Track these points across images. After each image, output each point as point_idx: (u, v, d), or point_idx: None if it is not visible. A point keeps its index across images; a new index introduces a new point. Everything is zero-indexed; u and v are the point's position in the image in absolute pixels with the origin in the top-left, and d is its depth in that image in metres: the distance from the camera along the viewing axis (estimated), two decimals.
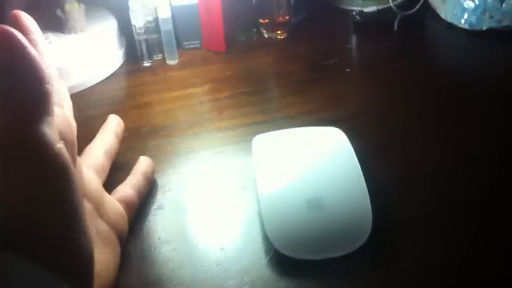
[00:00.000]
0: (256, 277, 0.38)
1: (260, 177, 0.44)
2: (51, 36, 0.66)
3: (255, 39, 0.73)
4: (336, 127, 0.49)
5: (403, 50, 0.68)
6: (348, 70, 0.64)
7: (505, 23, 0.67)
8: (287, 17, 0.72)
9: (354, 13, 0.75)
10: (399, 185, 0.45)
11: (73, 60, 0.64)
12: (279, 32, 0.73)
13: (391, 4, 0.74)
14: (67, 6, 0.66)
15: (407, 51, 0.67)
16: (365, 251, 0.38)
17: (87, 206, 0.36)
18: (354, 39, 0.72)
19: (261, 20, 0.73)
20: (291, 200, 0.41)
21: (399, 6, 0.74)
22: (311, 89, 0.60)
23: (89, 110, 0.60)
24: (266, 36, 0.73)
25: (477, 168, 0.46)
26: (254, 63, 0.67)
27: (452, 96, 0.57)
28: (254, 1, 0.71)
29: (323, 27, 0.75)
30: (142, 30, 0.66)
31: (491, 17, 0.68)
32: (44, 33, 0.66)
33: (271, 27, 0.73)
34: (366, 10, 0.75)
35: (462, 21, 0.70)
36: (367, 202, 0.41)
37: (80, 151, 0.49)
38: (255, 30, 0.74)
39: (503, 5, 0.67)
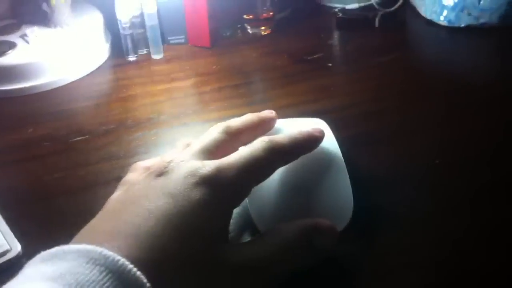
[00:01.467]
0: None
1: None
2: (37, 30, 0.66)
3: (239, 35, 0.74)
4: (321, 119, 0.50)
5: (384, 46, 0.69)
6: (330, 65, 0.65)
7: (483, 20, 0.69)
8: (271, 13, 0.73)
9: (336, 9, 0.76)
10: (382, 176, 0.46)
11: (59, 54, 0.64)
12: (263, 28, 0.74)
13: (372, 1, 0.75)
14: (53, 0, 0.66)
15: (388, 47, 0.69)
16: (344, 237, 0.40)
17: None
18: (336, 35, 0.73)
19: (245, 16, 0.74)
20: (275, 186, 0.42)
21: (380, 3, 0.76)
22: (296, 83, 0.61)
23: (76, 102, 0.61)
24: (250, 32, 0.74)
25: (455, 164, 0.48)
26: (239, 58, 0.68)
27: (432, 90, 0.58)
28: None
29: (306, 24, 0.76)
30: (128, 25, 0.67)
31: (469, 14, 0.70)
32: (29, 27, 0.67)
33: (256, 23, 0.74)
34: (348, 7, 0.77)
35: (441, 18, 0.72)
36: (348, 190, 0.42)
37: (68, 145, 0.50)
38: (239, 26, 0.74)
39: (481, 2, 0.69)
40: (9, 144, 0.54)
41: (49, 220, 0.44)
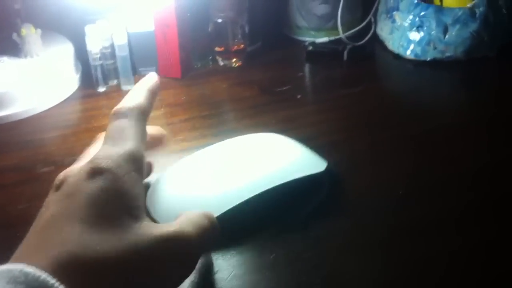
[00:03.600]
0: None
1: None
2: (7, 59, 0.66)
3: (210, 66, 0.75)
4: None
5: (352, 78, 0.71)
6: (299, 96, 0.66)
7: (448, 53, 0.71)
8: (242, 46, 0.74)
9: (306, 43, 0.77)
10: (347, 205, 0.47)
11: (28, 83, 0.64)
12: (234, 60, 0.74)
13: (341, 35, 0.77)
14: (24, 31, 0.66)
15: (356, 79, 0.70)
16: (302, 268, 0.40)
17: None
18: (306, 68, 0.74)
19: (217, 48, 0.75)
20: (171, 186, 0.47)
21: (349, 37, 0.77)
22: (265, 113, 0.62)
23: (44, 133, 0.61)
24: (221, 63, 0.75)
25: (419, 192, 0.48)
26: (209, 89, 0.69)
27: (397, 121, 0.60)
28: (209, 29, 0.73)
29: (277, 56, 0.77)
30: (98, 56, 0.67)
31: (435, 48, 0.72)
32: None
33: (227, 55, 0.75)
34: (318, 40, 0.78)
35: (408, 52, 0.74)
36: None
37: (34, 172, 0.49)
38: (210, 58, 0.75)
39: (446, 36, 0.71)
40: None
41: (10, 251, 0.43)
